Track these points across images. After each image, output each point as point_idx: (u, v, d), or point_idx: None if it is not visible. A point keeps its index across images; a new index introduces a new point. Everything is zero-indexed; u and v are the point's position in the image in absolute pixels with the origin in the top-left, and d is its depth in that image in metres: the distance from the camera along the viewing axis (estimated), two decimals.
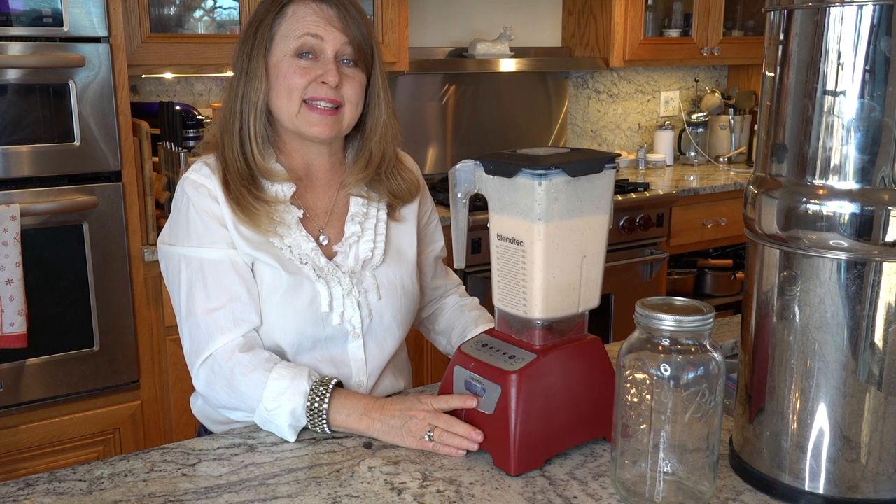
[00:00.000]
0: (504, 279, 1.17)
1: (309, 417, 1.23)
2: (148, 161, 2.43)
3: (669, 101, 4.30)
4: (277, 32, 1.32)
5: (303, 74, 1.31)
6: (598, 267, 1.18)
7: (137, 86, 2.90)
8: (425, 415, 1.19)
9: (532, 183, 1.09)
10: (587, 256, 1.16)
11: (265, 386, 1.24)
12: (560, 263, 1.13)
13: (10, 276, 2.15)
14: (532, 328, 1.16)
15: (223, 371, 1.27)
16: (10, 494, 1.08)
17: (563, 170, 1.09)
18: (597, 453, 1.18)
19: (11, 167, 2.21)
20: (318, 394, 1.23)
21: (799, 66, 1.00)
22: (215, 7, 2.84)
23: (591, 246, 1.16)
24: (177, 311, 1.34)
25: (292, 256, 1.34)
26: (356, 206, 1.41)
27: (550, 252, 1.11)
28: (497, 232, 1.17)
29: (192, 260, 1.31)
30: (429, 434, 1.18)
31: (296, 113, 1.32)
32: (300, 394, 1.23)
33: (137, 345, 2.45)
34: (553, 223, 1.10)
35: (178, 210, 1.35)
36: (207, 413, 1.42)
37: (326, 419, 1.23)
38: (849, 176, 0.97)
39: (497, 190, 1.15)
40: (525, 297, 1.14)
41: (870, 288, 0.98)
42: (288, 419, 1.22)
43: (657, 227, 3.37)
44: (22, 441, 2.33)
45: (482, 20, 3.64)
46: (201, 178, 1.33)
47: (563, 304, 1.16)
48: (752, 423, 1.09)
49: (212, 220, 1.32)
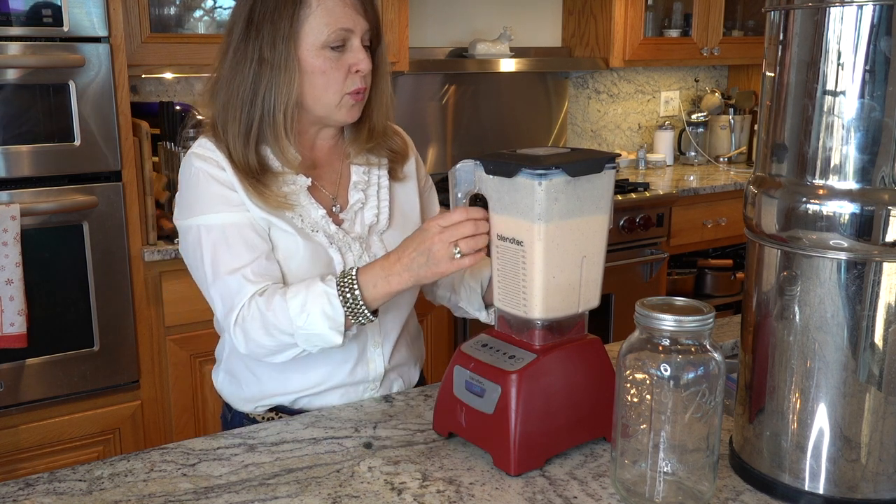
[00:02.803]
0: (504, 279, 1.17)
1: (350, 312, 1.24)
2: (148, 161, 2.43)
3: (669, 101, 4.30)
4: (305, 24, 1.30)
5: (338, 67, 1.32)
6: (598, 267, 1.18)
7: (137, 86, 2.90)
8: (440, 237, 1.18)
9: (532, 183, 1.09)
10: (587, 257, 1.16)
11: (287, 307, 1.25)
12: (560, 263, 1.13)
13: (10, 276, 2.15)
14: (532, 328, 1.16)
15: (252, 316, 1.28)
16: (10, 494, 1.08)
17: (563, 170, 1.09)
18: (597, 453, 1.18)
19: (11, 167, 2.21)
20: (346, 286, 1.24)
21: (799, 66, 1.00)
22: (215, 7, 2.84)
23: (591, 246, 1.16)
24: (202, 280, 1.34)
25: (303, 225, 1.36)
26: (357, 174, 1.44)
27: (550, 252, 1.11)
28: (497, 232, 1.17)
29: (213, 227, 1.31)
30: (456, 251, 1.18)
31: (337, 104, 1.34)
32: (320, 294, 1.24)
33: (137, 345, 2.45)
34: (553, 223, 1.10)
35: (188, 184, 1.35)
36: (234, 391, 1.45)
37: (364, 303, 1.24)
38: (849, 176, 0.97)
39: (497, 190, 1.15)
40: (525, 298, 1.14)
41: (870, 288, 0.98)
42: (325, 322, 1.24)
43: (657, 227, 3.37)
44: (22, 441, 2.33)
45: (482, 20, 3.64)
46: (207, 152, 1.34)
47: (563, 304, 1.15)
48: (752, 423, 1.09)
49: (224, 186, 1.32)
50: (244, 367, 1.43)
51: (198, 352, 2.54)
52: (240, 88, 1.32)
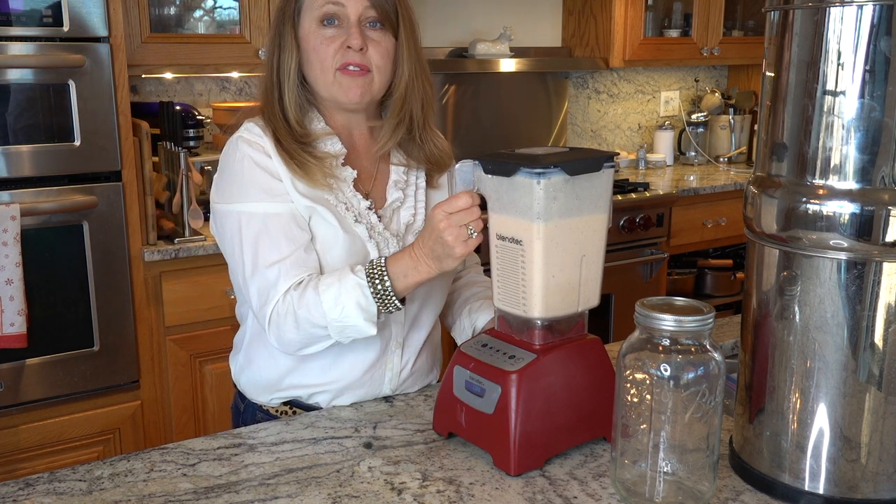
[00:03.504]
0: (503, 279, 1.17)
1: (379, 301, 1.26)
2: (148, 161, 2.43)
3: (669, 101, 4.30)
4: (303, 4, 1.36)
5: (329, 43, 1.34)
6: (597, 266, 1.18)
7: (137, 86, 2.90)
8: (448, 223, 1.19)
9: (531, 182, 1.09)
10: (586, 256, 1.16)
11: (321, 301, 1.26)
12: (559, 263, 1.13)
13: (10, 276, 2.15)
14: (532, 328, 1.16)
15: (286, 311, 1.29)
16: (10, 494, 1.08)
17: (561, 168, 1.09)
18: (597, 453, 1.18)
19: (11, 167, 2.21)
20: (376, 276, 1.26)
21: (799, 66, 1.00)
22: (215, 7, 2.84)
23: (591, 245, 1.16)
24: (238, 269, 1.34)
25: (347, 214, 1.37)
26: (397, 173, 1.45)
27: (549, 251, 1.11)
28: (496, 231, 1.17)
29: (255, 216, 1.32)
30: (470, 231, 1.19)
31: (331, 81, 1.36)
32: (353, 287, 1.26)
33: (137, 345, 2.45)
34: (552, 222, 1.10)
35: (231, 169, 1.36)
36: (252, 379, 1.46)
37: (394, 293, 1.26)
38: (849, 176, 0.97)
39: (496, 189, 1.14)
40: (525, 297, 1.14)
41: (870, 288, 0.98)
42: (359, 314, 1.26)
43: (657, 227, 3.37)
44: (22, 441, 2.33)
45: (482, 20, 3.64)
46: (254, 137, 1.36)
47: (562, 303, 1.15)
48: (752, 423, 1.09)
49: (269, 175, 1.34)
50: (268, 355, 1.43)
51: (198, 352, 2.54)
52: (267, 70, 1.40)
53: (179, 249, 2.44)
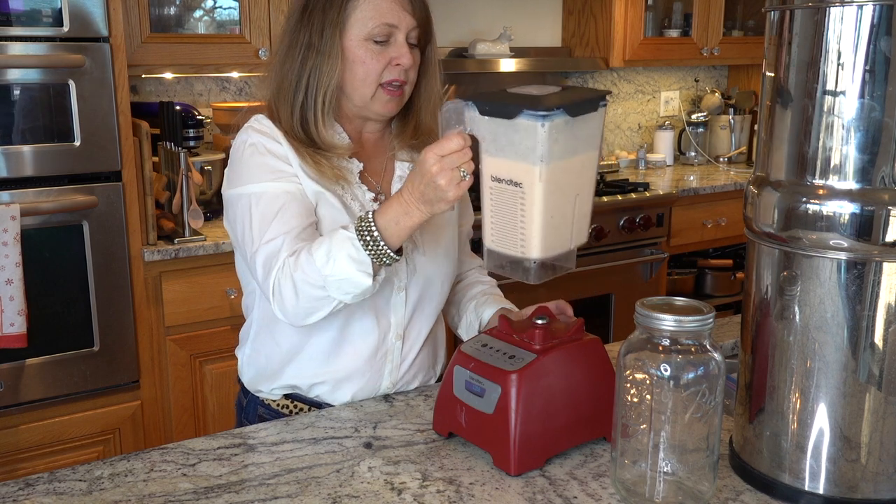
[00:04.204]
0: (499, 221, 1.13)
1: (372, 253, 1.23)
2: (148, 161, 2.43)
3: (669, 101, 4.30)
4: (352, 15, 1.35)
5: (379, 59, 1.36)
6: (588, 202, 1.16)
7: (137, 86, 2.90)
8: (440, 166, 1.16)
9: (534, 125, 1.04)
10: (580, 194, 1.13)
11: (314, 259, 1.25)
12: (557, 203, 1.10)
13: (10, 276, 2.15)
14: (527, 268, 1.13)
15: (285, 277, 1.28)
16: (10, 494, 1.08)
17: (564, 110, 1.05)
18: (597, 453, 1.18)
19: (12, 167, 2.21)
20: (364, 229, 1.24)
21: (799, 66, 1.00)
22: (215, 7, 2.84)
23: (585, 183, 1.14)
24: (248, 247, 1.34)
25: (352, 203, 1.39)
26: (402, 169, 1.48)
27: (550, 193, 1.08)
28: (491, 174, 1.12)
29: (264, 194, 1.33)
30: (463, 173, 1.16)
31: (370, 95, 1.38)
32: (343, 240, 1.24)
33: (137, 345, 2.45)
34: (553, 164, 1.06)
35: (241, 156, 1.38)
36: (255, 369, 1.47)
37: (385, 242, 1.23)
38: (849, 176, 0.97)
39: (492, 132, 1.10)
40: (524, 238, 1.11)
41: (870, 288, 0.98)
42: (352, 265, 1.23)
43: (657, 227, 3.37)
44: (22, 441, 2.33)
45: (482, 20, 3.64)
46: (264, 127, 1.38)
47: (558, 242, 1.13)
48: (752, 423, 1.09)
49: (277, 158, 1.36)
50: (273, 344, 1.44)
51: (198, 352, 2.54)
52: (290, 72, 1.38)
53: (179, 249, 2.44)
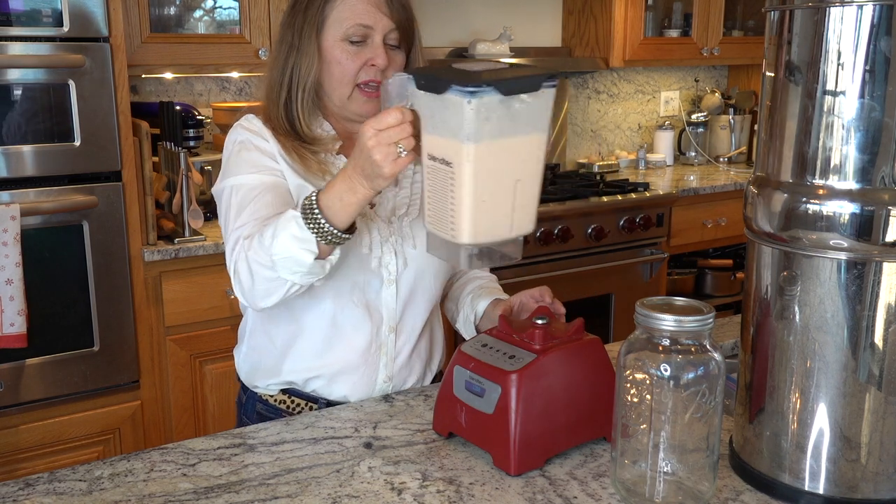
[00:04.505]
0: (434, 202, 1.10)
1: (316, 232, 1.21)
2: (148, 161, 2.43)
3: (669, 101, 4.30)
4: (330, 15, 1.38)
5: (354, 60, 1.38)
6: (533, 190, 1.10)
7: (137, 86, 2.90)
8: (376, 140, 1.12)
9: (461, 101, 0.99)
10: (521, 180, 1.08)
11: (262, 238, 1.25)
12: (491, 187, 1.05)
13: (10, 276, 2.15)
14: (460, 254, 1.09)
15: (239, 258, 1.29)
16: (10, 494, 1.08)
17: (495, 87, 0.99)
18: (597, 453, 1.18)
19: (12, 167, 2.21)
20: (307, 208, 1.22)
21: (799, 66, 1.00)
22: (215, 7, 2.84)
23: (527, 168, 1.08)
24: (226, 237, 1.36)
25: None
26: None
27: (480, 175, 1.03)
28: (428, 152, 1.09)
29: (242, 186, 1.36)
30: (400, 150, 1.11)
31: (347, 96, 1.40)
32: (288, 219, 1.23)
33: (137, 345, 2.45)
34: (483, 144, 1.01)
35: (228, 152, 1.41)
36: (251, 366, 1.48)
37: (328, 221, 1.21)
38: (849, 176, 0.97)
39: (429, 107, 1.06)
40: (453, 221, 1.07)
41: (870, 288, 0.98)
42: (295, 244, 1.22)
43: (657, 227, 3.37)
44: (22, 441, 2.33)
45: (482, 20, 3.64)
46: (252, 125, 1.41)
47: (493, 229, 1.09)
48: (752, 423, 1.09)
49: (262, 153, 1.39)
50: (267, 340, 1.46)
51: (198, 352, 2.54)
52: (275, 70, 1.42)
53: (179, 249, 2.44)
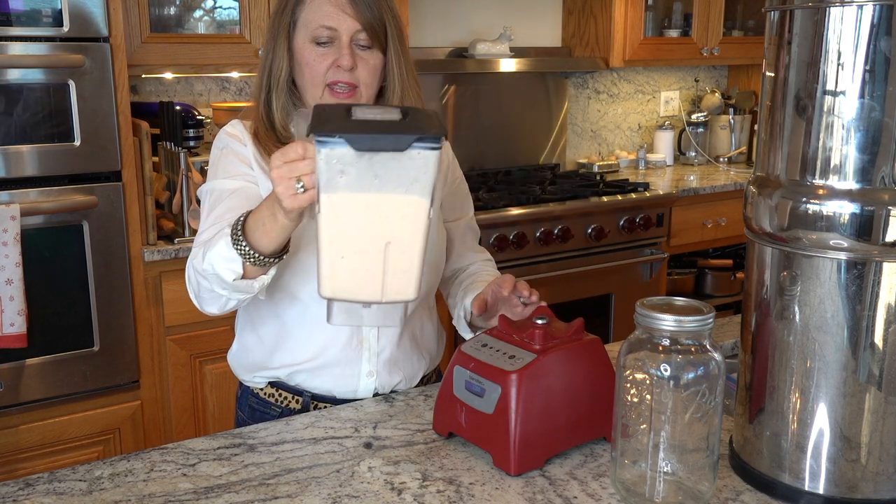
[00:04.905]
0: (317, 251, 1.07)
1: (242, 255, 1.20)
2: (148, 161, 2.43)
3: (669, 101, 4.30)
4: (299, 18, 1.41)
5: (321, 60, 1.40)
6: (410, 256, 1.04)
7: (137, 86, 2.90)
8: (279, 172, 1.08)
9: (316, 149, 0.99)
10: (392, 243, 1.03)
11: (204, 250, 1.26)
12: (349, 244, 1.03)
13: (10, 276, 2.15)
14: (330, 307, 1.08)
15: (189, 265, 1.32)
16: (10, 494, 1.08)
17: (346, 140, 0.97)
18: (597, 453, 1.18)
19: (12, 167, 2.21)
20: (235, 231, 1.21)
21: (799, 66, 1.00)
22: (215, 7, 2.84)
23: (399, 231, 1.03)
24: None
25: None
26: None
27: (334, 228, 1.01)
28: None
29: (215, 190, 1.40)
30: (299, 187, 1.08)
31: (319, 97, 1.42)
32: (223, 235, 1.23)
33: (137, 345, 2.45)
34: (338, 196, 1.00)
35: (213, 157, 1.46)
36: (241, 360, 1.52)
37: (250, 244, 1.20)
38: (849, 176, 0.97)
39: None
40: (317, 272, 1.04)
41: (870, 288, 0.98)
42: (220, 262, 1.23)
43: (657, 227, 3.37)
44: (22, 441, 2.33)
45: (482, 20, 3.64)
46: (234, 130, 1.46)
47: (357, 288, 1.05)
48: (752, 423, 1.09)
49: (238, 159, 1.43)
50: (256, 339, 1.48)
51: (198, 352, 2.54)
52: (260, 71, 1.46)
53: (179, 249, 2.44)
